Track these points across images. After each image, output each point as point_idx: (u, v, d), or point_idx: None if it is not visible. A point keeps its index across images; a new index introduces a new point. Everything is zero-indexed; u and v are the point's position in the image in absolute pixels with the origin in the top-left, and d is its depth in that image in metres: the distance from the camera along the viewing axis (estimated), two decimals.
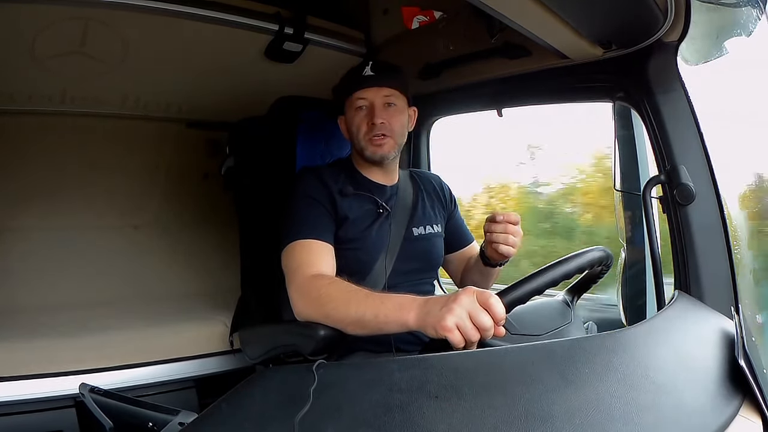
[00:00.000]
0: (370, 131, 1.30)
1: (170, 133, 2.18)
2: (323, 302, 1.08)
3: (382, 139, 1.30)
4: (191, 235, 2.29)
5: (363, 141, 1.31)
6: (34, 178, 1.98)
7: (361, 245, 1.28)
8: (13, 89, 1.70)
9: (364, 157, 1.34)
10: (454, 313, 0.85)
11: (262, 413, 0.62)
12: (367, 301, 1.02)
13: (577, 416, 0.64)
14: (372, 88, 1.31)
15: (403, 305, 0.95)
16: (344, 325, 1.05)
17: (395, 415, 0.60)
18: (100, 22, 1.43)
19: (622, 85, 1.31)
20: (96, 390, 0.88)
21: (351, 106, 1.33)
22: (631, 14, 1.11)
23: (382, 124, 1.29)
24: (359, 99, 1.31)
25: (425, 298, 0.94)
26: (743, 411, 0.78)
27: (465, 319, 0.85)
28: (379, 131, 1.29)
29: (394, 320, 0.96)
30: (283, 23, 1.59)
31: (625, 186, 1.51)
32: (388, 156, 1.32)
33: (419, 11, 1.72)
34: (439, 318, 0.86)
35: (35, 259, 1.98)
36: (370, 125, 1.30)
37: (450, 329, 0.85)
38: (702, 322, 1.00)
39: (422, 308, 0.92)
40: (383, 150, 1.31)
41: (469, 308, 0.85)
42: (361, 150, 1.33)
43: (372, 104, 1.30)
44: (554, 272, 0.98)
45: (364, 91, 1.31)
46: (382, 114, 1.30)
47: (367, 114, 1.30)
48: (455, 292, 0.89)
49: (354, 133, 1.33)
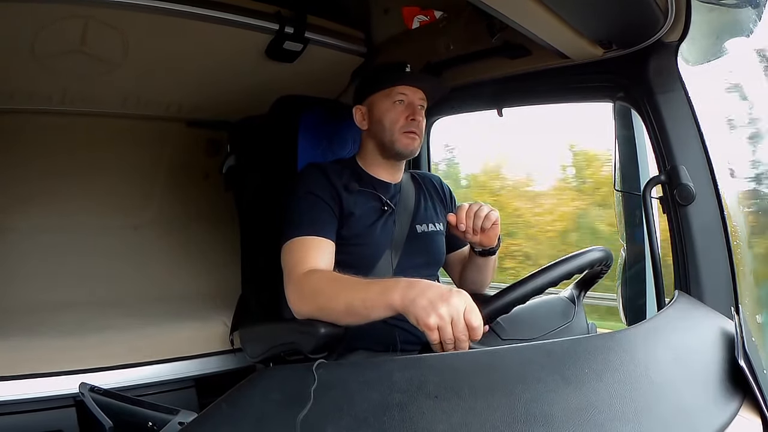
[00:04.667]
0: (406, 126, 1.32)
1: (171, 132, 2.18)
2: (316, 296, 1.09)
3: (415, 135, 1.33)
4: (191, 235, 2.29)
5: (397, 133, 1.33)
6: (35, 177, 1.98)
7: (367, 241, 1.29)
8: (13, 88, 1.70)
9: (391, 149, 1.35)
10: (440, 313, 0.85)
11: (262, 413, 0.62)
12: (354, 289, 1.03)
13: (577, 416, 0.64)
14: (413, 87, 1.34)
15: (387, 288, 0.95)
16: (337, 316, 1.05)
17: (395, 414, 0.60)
18: (101, 21, 1.42)
19: (623, 85, 1.31)
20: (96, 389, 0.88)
21: (388, 97, 1.34)
22: (632, 14, 1.11)
23: (419, 122, 1.33)
24: (400, 93, 1.34)
25: (410, 282, 0.94)
26: (743, 411, 0.78)
27: (447, 324, 0.85)
28: (415, 128, 1.33)
29: (379, 304, 0.96)
30: (284, 22, 1.59)
31: (626, 186, 1.51)
32: (415, 152, 1.36)
33: (420, 11, 1.72)
34: (424, 314, 0.87)
35: (35, 258, 1.99)
36: (408, 120, 1.32)
37: (431, 328, 0.86)
38: (702, 323, 1.00)
39: (407, 292, 0.91)
40: (414, 145, 1.34)
41: (454, 314, 0.86)
42: (392, 142, 1.34)
43: (412, 102, 1.34)
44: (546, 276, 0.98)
45: (407, 88, 1.34)
46: (419, 113, 1.34)
47: (407, 109, 1.33)
48: (449, 290, 0.89)
49: (387, 124, 1.33)
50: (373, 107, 1.36)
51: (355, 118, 1.39)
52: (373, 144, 1.38)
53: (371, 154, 1.38)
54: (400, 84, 1.34)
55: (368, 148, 1.39)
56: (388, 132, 1.33)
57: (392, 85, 1.34)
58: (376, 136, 1.36)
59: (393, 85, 1.34)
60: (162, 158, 2.23)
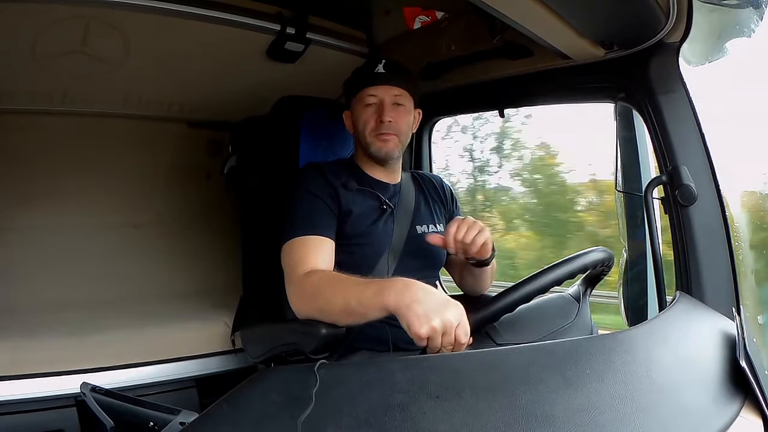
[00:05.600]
0: (377, 128, 1.31)
1: (172, 132, 2.18)
2: (316, 296, 1.09)
3: (388, 136, 1.31)
4: (192, 235, 2.29)
5: (369, 137, 1.32)
6: (35, 177, 1.98)
7: (366, 241, 1.29)
8: (14, 88, 1.70)
9: (368, 153, 1.34)
10: (433, 326, 0.86)
11: (263, 413, 0.62)
12: (351, 289, 1.03)
13: (579, 417, 0.64)
14: (383, 86, 1.32)
15: (383, 288, 0.95)
16: (335, 316, 1.05)
17: (396, 415, 0.60)
18: (102, 21, 1.43)
19: (624, 86, 1.31)
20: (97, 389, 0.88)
21: (360, 101, 1.33)
22: (633, 15, 1.11)
23: (390, 123, 1.30)
24: (369, 95, 1.32)
25: (407, 284, 0.94)
26: (744, 412, 0.78)
27: (437, 336, 0.87)
28: (387, 129, 1.31)
29: (374, 304, 0.96)
30: (285, 23, 1.59)
31: (627, 187, 1.51)
32: (393, 154, 1.34)
33: (421, 11, 1.72)
34: (417, 324, 0.87)
35: (36, 258, 1.99)
36: (378, 122, 1.31)
37: (422, 338, 0.87)
38: (703, 323, 1.00)
39: (402, 295, 0.91)
40: (388, 147, 1.32)
41: (447, 328, 0.87)
42: (367, 146, 1.33)
43: (382, 102, 1.31)
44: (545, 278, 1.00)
45: (375, 89, 1.32)
46: (391, 112, 1.31)
47: (376, 111, 1.31)
48: (445, 301, 0.90)
49: (361, 128, 1.33)
50: (353, 112, 1.36)
51: (345, 124, 1.40)
52: (359, 148, 1.39)
53: (363, 157, 1.39)
54: (368, 85, 1.32)
55: (359, 151, 1.40)
56: (362, 136, 1.34)
57: (362, 88, 1.33)
58: (359, 140, 1.37)
59: (362, 87, 1.33)
60: (163, 158, 2.23)
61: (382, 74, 1.32)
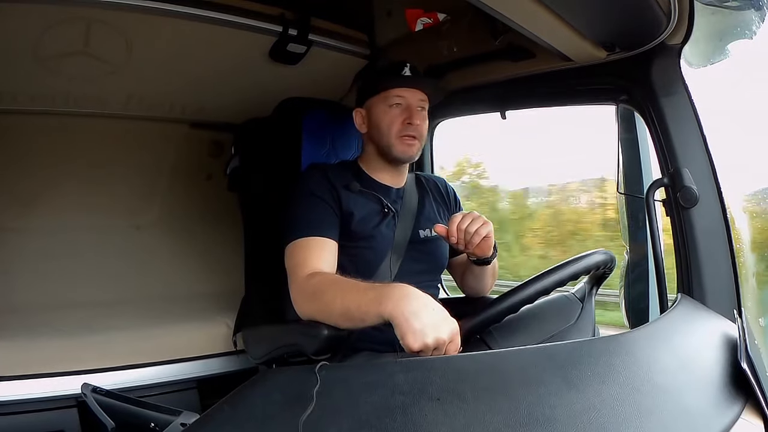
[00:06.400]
0: (404, 130, 1.30)
1: (174, 134, 2.18)
2: (317, 298, 1.09)
3: (413, 140, 1.31)
4: (194, 236, 2.29)
5: (394, 137, 1.30)
6: (37, 178, 1.99)
7: (369, 244, 1.29)
8: (16, 89, 1.70)
9: (387, 153, 1.33)
10: (426, 342, 0.87)
11: (265, 414, 0.62)
12: (351, 293, 1.02)
13: (580, 419, 0.64)
14: (411, 89, 1.31)
15: (381, 296, 0.94)
16: (336, 319, 1.04)
17: (397, 417, 0.60)
18: (104, 22, 1.43)
19: (626, 88, 1.31)
20: (98, 390, 0.88)
21: (384, 101, 1.32)
22: (635, 17, 1.11)
23: (417, 126, 1.30)
24: (397, 96, 1.31)
25: (406, 293, 0.93)
26: (746, 414, 0.78)
27: (428, 351, 0.87)
28: (413, 132, 1.30)
29: (372, 311, 0.95)
30: (287, 25, 1.60)
31: (628, 189, 1.51)
32: (414, 157, 1.34)
33: (423, 13, 1.72)
34: (411, 339, 0.87)
35: (38, 259, 1.99)
36: (405, 124, 1.30)
37: (412, 351, 0.87)
38: (705, 326, 1.00)
39: (400, 307, 0.91)
40: (413, 151, 1.32)
41: (440, 345, 0.87)
42: (388, 147, 1.32)
43: (410, 105, 1.31)
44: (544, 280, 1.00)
45: (404, 90, 1.31)
46: (418, 116, 1.30)
47: (404, 113, 1.30)
48: (442, 319, 0.90)
49: (383, 128, 1.31)
50: (371, 110, 1.34)
51: (355, 121, 1.38)
52: (372, 147, 1.37)
53: (372, 158, 1.37)
54: (397, 87, 1.31)
55: (369, 151, 1.38)
56: (385, 136, 1.32)
57: (389, 88, 1.32)
58: (375, 140, 1.35)
59: (389, 88, 1.31)
60: (165, 159, 2.23)
61: (412, 77, 1.32)
